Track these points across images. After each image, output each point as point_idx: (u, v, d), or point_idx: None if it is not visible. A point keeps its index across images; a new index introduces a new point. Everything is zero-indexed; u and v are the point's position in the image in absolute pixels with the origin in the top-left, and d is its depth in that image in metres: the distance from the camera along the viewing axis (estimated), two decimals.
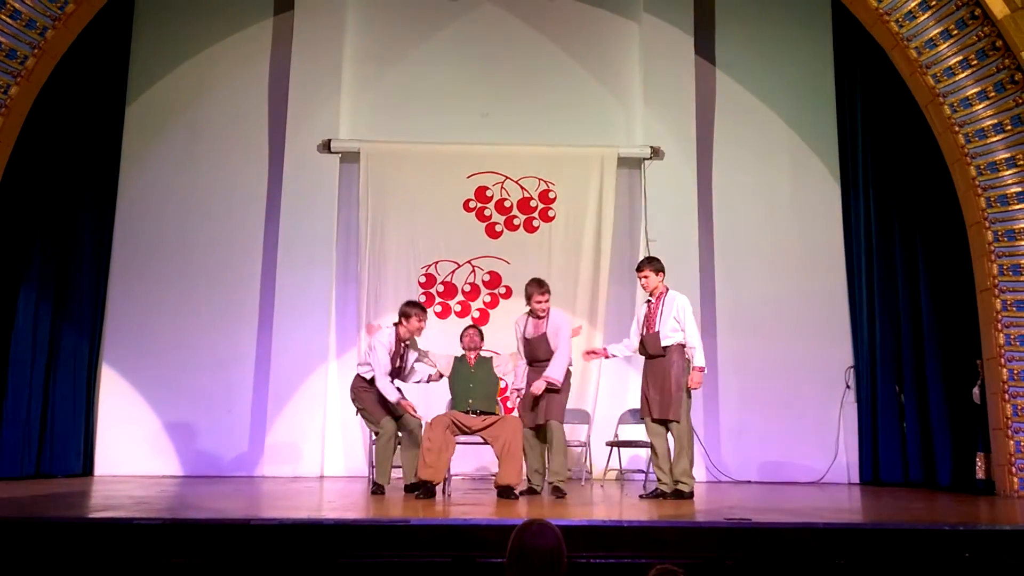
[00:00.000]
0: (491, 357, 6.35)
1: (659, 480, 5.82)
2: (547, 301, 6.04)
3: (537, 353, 6.01)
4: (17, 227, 7.29)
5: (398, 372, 6.16)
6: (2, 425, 7.16)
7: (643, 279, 5.98)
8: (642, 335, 5.94)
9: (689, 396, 5.78)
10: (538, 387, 5.80)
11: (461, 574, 3.77)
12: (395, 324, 6.17)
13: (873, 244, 7.97)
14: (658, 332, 5.80)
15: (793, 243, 8.28)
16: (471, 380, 6.12)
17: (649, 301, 5.99)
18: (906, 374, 7.60)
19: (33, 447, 7.32)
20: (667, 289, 5.96)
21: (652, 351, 5.83)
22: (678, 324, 5.77)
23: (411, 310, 6.14)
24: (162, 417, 7.90)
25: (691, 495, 5.64)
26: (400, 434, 6.12)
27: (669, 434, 5.81)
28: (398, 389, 6.09)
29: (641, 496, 5.88)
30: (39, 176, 7.44)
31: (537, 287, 6.06)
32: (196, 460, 7.85)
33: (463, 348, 6.31)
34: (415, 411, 6.04)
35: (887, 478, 7.62)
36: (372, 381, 6.10)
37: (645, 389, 5.86)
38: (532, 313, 6.09)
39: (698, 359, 5.76)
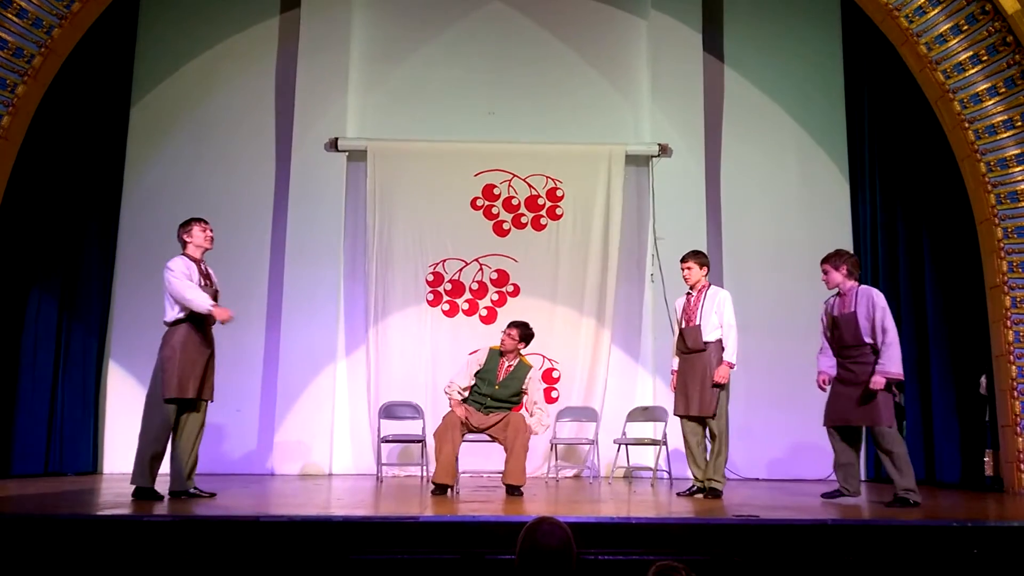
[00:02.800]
0: (529, 370, 6.02)
1: (696, 478, 5.78)
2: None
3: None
4: (25, 227, 7.30)
5: (215, 297, 5.49)
6: (12, 424, 7.19)
7: (686, 271, 5.89)
8: (681, 329, 5.86)
9: (727, 392, 5.73)
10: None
11: (470, 571, 3.78)
12: (181, 254, 5.46)
13: (879, 240, 7.94)
14: (699, 326, 5.73)
15: (801, 240, 8.25)
16: (496, 384, 5.97)
17: (689, 294, 5.91)
18: (914, 371, 7.57)
19: (42, 445, 7.35)
20: (709, 284, 5.90)
21: (692, 346, 5.75)
22: (719, 319, 5.73)
23: (189, 225, 5.51)
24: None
25: (721, 493, 5.61)
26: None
27: (706, 431, 5.76)
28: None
29: (679, 494, 5.83)
30: (46, 176, 7.45)
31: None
32: (204, 458, 7.74)
33: (504, 348, 6.01)
34: (228, 315, 5.29)
35: None
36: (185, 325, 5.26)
37: (683, 386, 5.78)
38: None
39: (729, 354, 5.70)
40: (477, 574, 3.77)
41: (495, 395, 5.94)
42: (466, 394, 5.99)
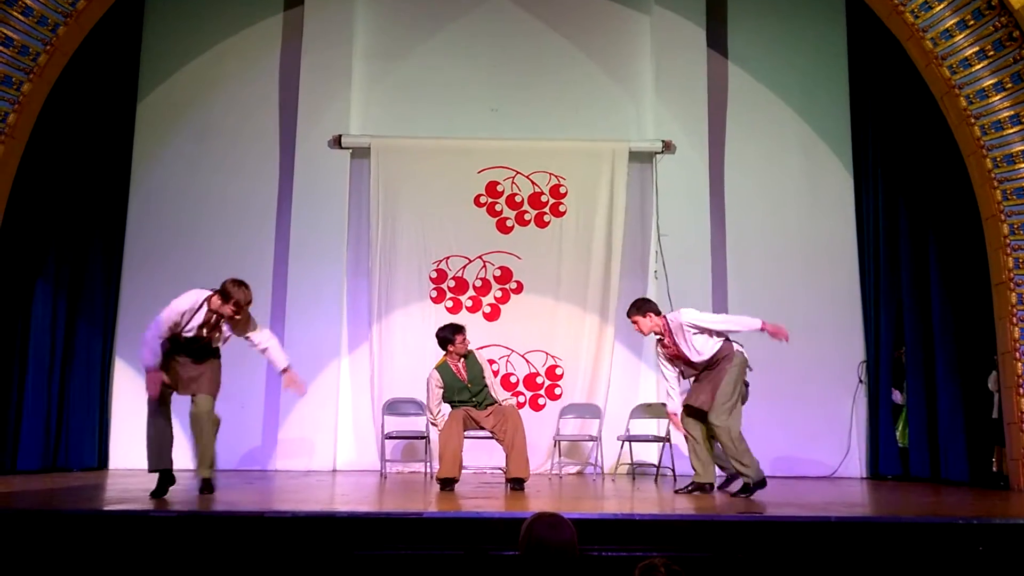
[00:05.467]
0: (473, 354, 6.26)
1: (697, 472, 5.75)
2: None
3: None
4: (31, 225, 7.31)
5: (208, 343, 5.59)
6: (19, 420, 7.22)
7: (635, 325, 5.79)
8: (681, 369, 5.77)
9: (741, 400, 5.73)
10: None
11: (474, 567, 3.78)
12: (212, 294, 5.45)
13: (884, 236, 7.91)
14: (699, 356, 5.65)
15: (805, 237, 8.24)
16: (466, 384, 6.10)
17: (660, 339, 5.76)
18: (920, 369, 7.55)
19: (49, 441, 7.38)
20: (665, 318, 5.73)
21: (706, 367, 5.71)
22: (705, 334, 5.64)
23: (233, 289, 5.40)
24: (176, 412, 7.90)
25: (756, 487, 5.53)
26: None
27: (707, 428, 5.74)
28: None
29: (676, 491, 5.80)
30: (52, 174, 7.46)
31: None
32: None
33: (457, 352, 6.15)
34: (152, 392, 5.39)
35: (900, 473, 7.59)
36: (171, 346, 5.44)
37: (696, 385, 5.76)
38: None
39: (750, 324, 5.70)
40: (481, 570, 3.77)
41: (472, 391, 6.08)
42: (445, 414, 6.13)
